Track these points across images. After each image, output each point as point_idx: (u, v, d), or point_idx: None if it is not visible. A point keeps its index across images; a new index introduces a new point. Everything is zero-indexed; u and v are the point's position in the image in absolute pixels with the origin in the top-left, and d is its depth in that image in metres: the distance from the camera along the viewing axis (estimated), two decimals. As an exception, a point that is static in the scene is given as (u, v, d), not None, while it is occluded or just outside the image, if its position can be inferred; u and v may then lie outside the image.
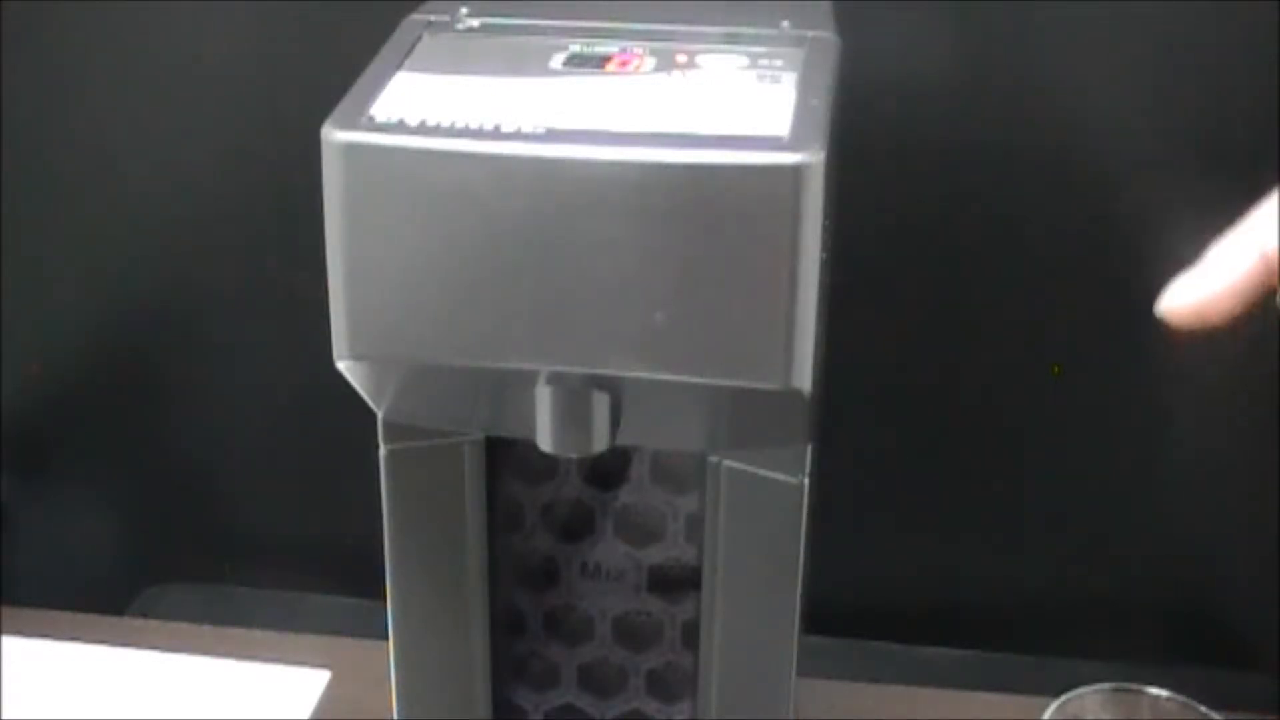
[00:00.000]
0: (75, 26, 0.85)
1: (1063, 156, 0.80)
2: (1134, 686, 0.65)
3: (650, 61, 0.56)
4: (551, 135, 0.50)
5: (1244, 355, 0.82)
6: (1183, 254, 0.81)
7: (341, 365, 0.54)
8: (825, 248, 0.50)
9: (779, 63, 0.55)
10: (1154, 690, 0.65)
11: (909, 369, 0.85)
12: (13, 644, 0.84)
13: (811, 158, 0.49)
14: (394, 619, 0.63)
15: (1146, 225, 0.81)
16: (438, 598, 0.62)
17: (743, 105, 0.52)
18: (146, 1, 0.84)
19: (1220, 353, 0.83)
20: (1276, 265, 0.41)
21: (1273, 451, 0.81)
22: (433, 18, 0.60)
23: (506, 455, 0.61)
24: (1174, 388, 0.84)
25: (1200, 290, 0.42)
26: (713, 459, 0.58)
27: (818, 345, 0.51)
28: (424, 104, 0.52)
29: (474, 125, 0.50)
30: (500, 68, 0.55)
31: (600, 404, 0.54)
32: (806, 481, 0.57)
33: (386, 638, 0.63)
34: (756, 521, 0.58)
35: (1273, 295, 0.42)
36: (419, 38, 0.58)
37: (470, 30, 0.59)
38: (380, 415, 0.59)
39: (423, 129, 0.50)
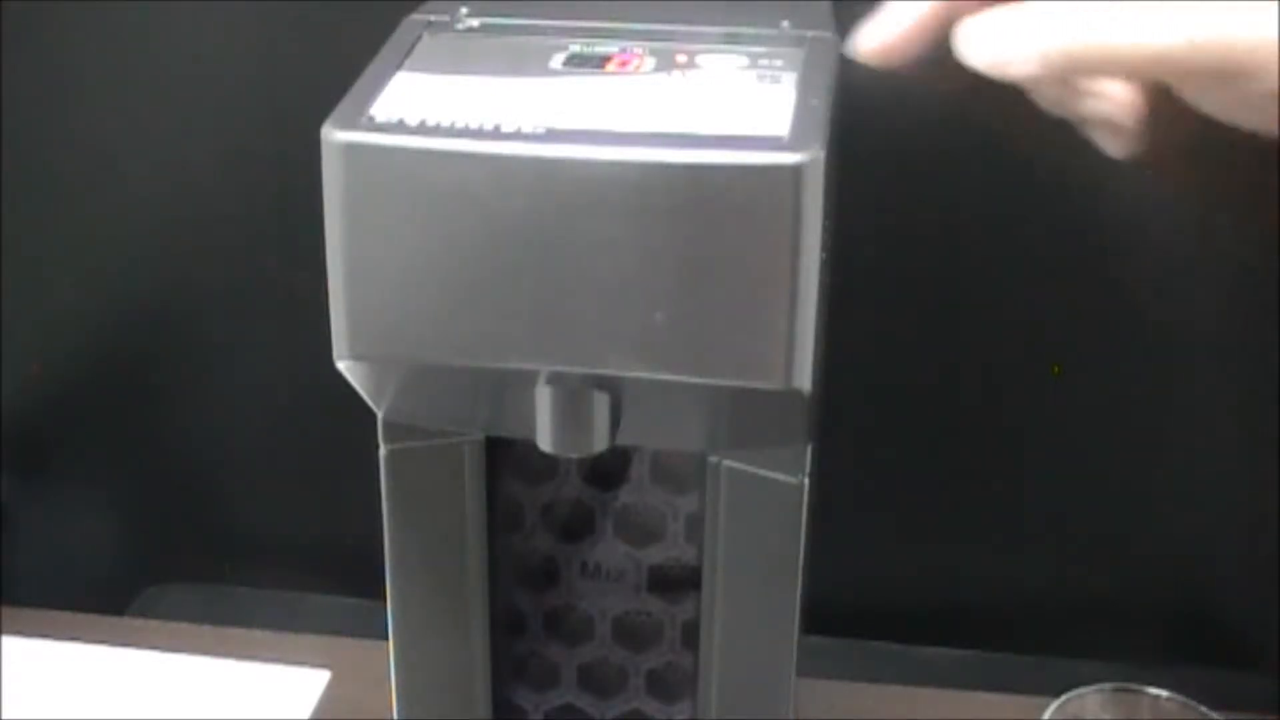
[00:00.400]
0: (75, 26, 0.85)
1: (1063, 156, 0.80)
2: (1134, 686, 0.65)
3: (650, 61, 0.56)
4: (551, 135, 0.50)
5: (1245, 356, 0.82)
6: (1183, 254, 0.82)
7: (341, 365, 0.54)
8: (825, 248, 0.50)
9: (779, 63, 0.55)
10: (1154, 690, 0.65)
11: (909, 369, 0.85)
12: (13, 644, 0.84)
13: (811, 158, 0.49)
14: (394, 619, 0.63)
15: (1146, 225, 0.81)
16: (438, 598, 0.62)
17: (743, 105, 0.52)
18: (146, 1, 0.84)
19: (1221, 353, 0.83)
20: (952, 7, 0.46)
21: (1273, 451, 0.81)
22: (433, 18, 0.60)
23: (506, 455, 0.61)
24: (1174, 388, 0.84)
25: (883, 32, 0.47)
26: (713, 459, 0.58)
27: (818, 345, 0.51)
28: (424, 104, 0.52)
29: (474, 125, 0.50)
30: (500, 68, 0.55)
31: (600, 404, 0.54)
32: (806, 481, 0.57)
33: (386, 638, 0.63)
34: (756, 521, 0.58)
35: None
36: (419, 38, 0.58)
37: (470, 30, 0.59)
38: (380, 415, 0.59)
39: (423, 129, 0.50)
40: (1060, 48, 0.44)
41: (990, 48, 0.45)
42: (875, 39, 0.48)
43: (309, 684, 0.82)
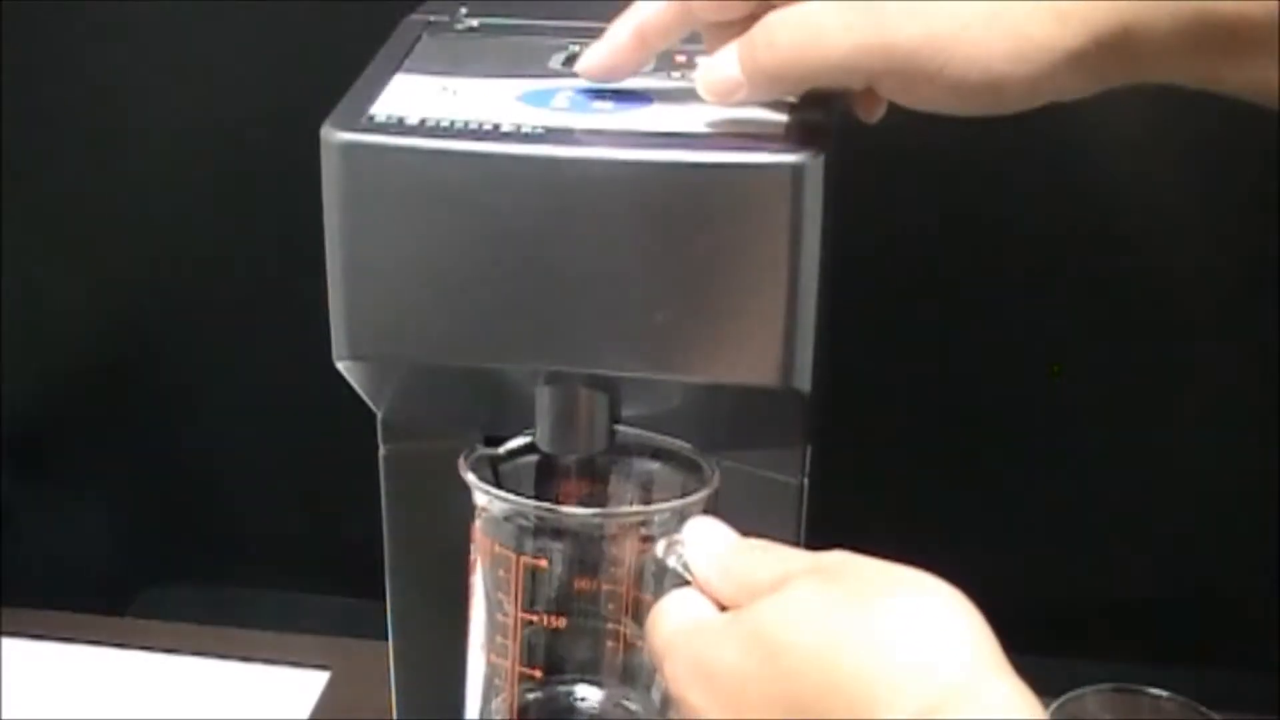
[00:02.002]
0: (76, 26, 0.85)
1: (1063, 157, 0.80)
2: (1134, 686, 0.65)
3: (650, 61, 0.56)
4: (551, 135, 0.50)
5: (1246, 355, 0.82)
6: (1185, 254, 0.82)
7: (341, 365, 0.54)
8: (825, 248, 0.50)
9: (779, 62, 0.55)
10: (1154, 690, 0.65)
11: (909, 369, 0.85)
12: (12, 644, 0.84)
13: (811, 158, 0.49)
14: (394, 619, 0.63)
15: (1148, 225, 0.81)
16: (438, 598, 0.62)
17: (742, 105, 0.52)
18: (147, 1, 0.84)
19: (1223, 352, 0.83)
20: (649, 38, 0.53)
21: (1273, 451, 0.81)
22: (432, 18, 0.60)
23: (506, 455, 0.61)
24: (1174, 388, 0.84)
25: (602, 57, 0.53)
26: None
27: (818, 345, 0.51)
28: (424, 104, 0.52)
29: (474, 125, 0.50)
30: (500, 68, 0.55)
31: (599, 404, 0.54)
32: (805, 482, 0.57)
33: (386, 638, 0.63)
34: (755, 522, 0.58)
35: None
36: (419, 38, 0.58)
37: (470, 30, 0.59)
38: (380, 415, 0.59)
39: (422, 129, 0.50)
40: (762, 72, 0.49)
41: (710, 85, 0.50)
42: (596, 63, 0.53)
43: (308, 684, 0.82)
